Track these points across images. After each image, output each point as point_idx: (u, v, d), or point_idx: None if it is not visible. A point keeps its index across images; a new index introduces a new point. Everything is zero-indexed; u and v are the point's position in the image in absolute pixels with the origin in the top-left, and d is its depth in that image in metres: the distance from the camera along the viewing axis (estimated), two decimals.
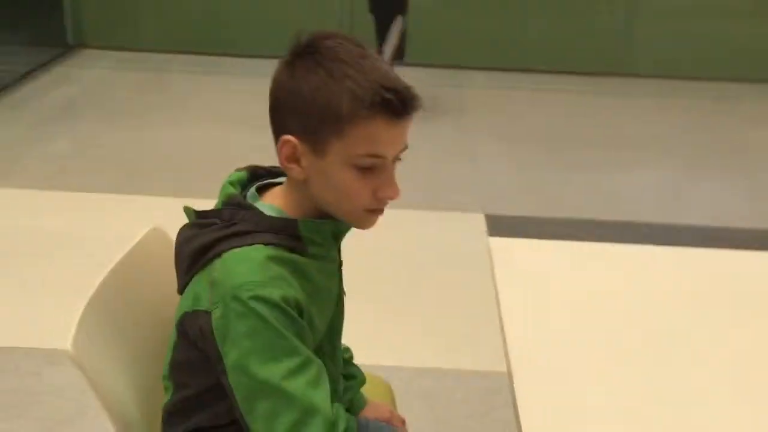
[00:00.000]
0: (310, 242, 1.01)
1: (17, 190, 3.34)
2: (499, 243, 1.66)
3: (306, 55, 0.97)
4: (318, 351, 1.02)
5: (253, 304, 0.92)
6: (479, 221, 3.28)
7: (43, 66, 5.10)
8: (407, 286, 2.82)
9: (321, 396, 0.94)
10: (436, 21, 5.48)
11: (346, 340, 1.36)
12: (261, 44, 5.51)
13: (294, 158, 0.98)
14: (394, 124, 0.96)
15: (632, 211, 3.52)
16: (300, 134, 0.97)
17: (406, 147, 1.01)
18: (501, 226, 3.22)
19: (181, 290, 1.04)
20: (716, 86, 5.47)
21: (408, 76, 3.98)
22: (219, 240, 0.98)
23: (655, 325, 1.41)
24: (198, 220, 1.03)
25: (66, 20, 5.47)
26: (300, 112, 0.96)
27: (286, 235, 0.99)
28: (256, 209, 1.01)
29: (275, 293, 0.93)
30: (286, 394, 0.93)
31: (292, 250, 0.99)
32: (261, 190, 1.07)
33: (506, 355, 1.29)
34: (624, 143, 4.44)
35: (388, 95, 0.94)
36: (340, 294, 1.12)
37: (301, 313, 0.97)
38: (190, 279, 1.01)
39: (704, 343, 1.34)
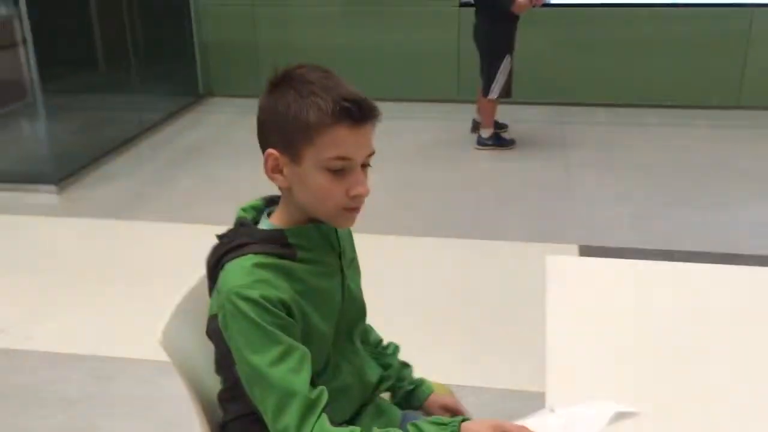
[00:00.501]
0: (299, 248, 1.16)
1: (149, 222, 3.75)
2: (554, 261, 1.72)
3: (281, 83, 1.13)
4: (334, 347, 1.17)
5: (240, 303, 1.08)
6: (573, 252, 3.32)
7: (178, 112, 5.64)
8: (492, 312, 2.91)
9: (301, 381, 1.08)
10: (544, 60, 5.58)
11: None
12: (377, 89, 5.80)
13: (277, 169, 1.14)
14: (355, 130, 1.11)
15: (742, 245, 3.42)
16: (279, 147, 1.13)
17: (372, 152, 1.15)
18: (595, 257, 3.24)
19: None
20: None
21: (517, 113, 4.20)
22: (223, 255, 1.16)
23: (713, 359, 1.35)
24: (217, 242, 1.21)
25: (197, 73, 6.03)
26: (278, 128, 1.13)
27: (277, 244, 1.15)
28: (252, 226, 1.19)
29: (255, 293, 1.07)
30: (270, 380, 1.07)
31: (282, 257, 1.13)
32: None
33: (546, 375, 1.31)
34: (736, 176, 4.33)
35: (346, 104, 1.09)
36: (346, 293, 1.24)
37: (289, 311, 1.11)
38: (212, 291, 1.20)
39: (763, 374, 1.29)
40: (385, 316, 1.53)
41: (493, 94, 4.64)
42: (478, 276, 3.21)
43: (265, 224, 1.20)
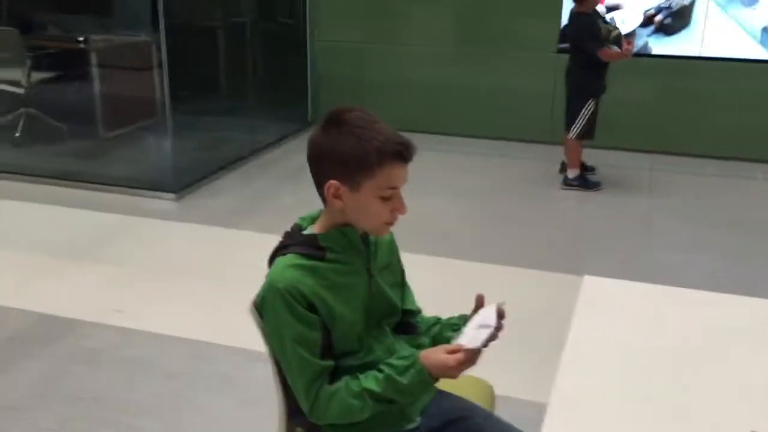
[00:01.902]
0: (329, 250, 1.46)
1: (251, 232, 4.16)
2: (591, 282, 1.91)
3: (337, 124, 1.42)
4: (366, 331, 1.49)
5: (271, 292, 1.42)
6: None
7: (287, 137, 6.12)
8: (552, 335, 3.09)
9: (308, 357, 1.42)
10: (642, 108, 5.71)
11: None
12: (473, 126, 6.11)
13: (337, 195, 1.43)
14: (403, 166, 1.43)
15: None
16: (341, 178, 1.42)
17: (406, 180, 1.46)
18: None
19: None
20: None
21: (608, 158, 4.37)
22: (275, 252, 1.51)
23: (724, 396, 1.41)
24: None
25: (308, 102, 6.52)
26: (341, 163, 1.41)
27: (312, 246, 1.46)
28: (297, 231, 1.52)
29: (282, 287, 1.40)
30: (286, 355, 1.44)
31: (313, 258, 1.45)
32: None
33: (552, 390, 1.44)
34: None
35: (399, 148, 1.40)
36: (374, 290, 1.52)
37: (310, 304, 1.41)
38: None
39: None
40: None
41: (572, 134, 4.85)
42: (544, 304, 3.40)
43: (307, 231, 1.52)
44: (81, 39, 5.50)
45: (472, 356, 1.39)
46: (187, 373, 2.81)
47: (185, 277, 3.65)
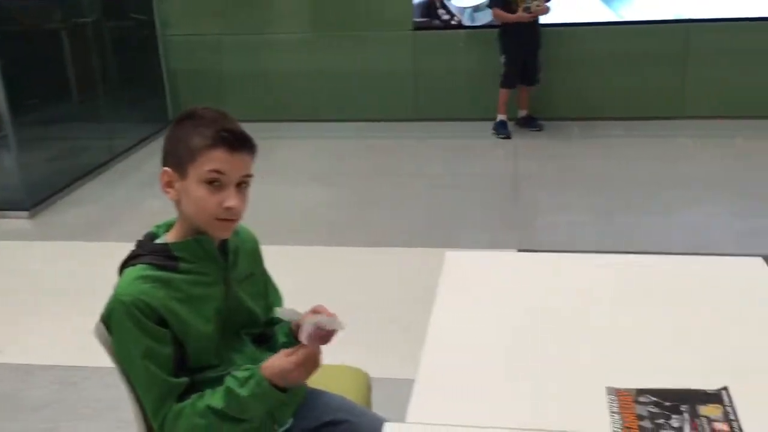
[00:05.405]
0: (182, 260, 1.40)
1: (116, 243, 3.95)
2: (452, 256, 1.94)
3: (184, 118, 1.40)
4: (224, 344, 1.43)
5: (117, 306, 1.35)
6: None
7: (148, 138, 5.85)
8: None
9: (158, 373, 1.35)
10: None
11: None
12: (336, 110, 6.08)
13: (170, 184, 1.40)
14: (231, 154, 1.36)
15: (673, 246, 3.65)
16: (172, 166, 1.39)
17: (250, 175, 1.40)
18: None
19: None
20: None
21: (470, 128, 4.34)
22: (125, 262, 1.43)
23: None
24: None
25: (167, 100, 6.27)
26: (172, 151, 1.40)
27: (164, 256, 1.39)
28: (147, 240, 1.45)
29: (128, 300, 1.34)
30: (135, 370, 1.38)
31: (165, 269, 1.38)
32: None
33: (419, 365, 1.46)
34: (677, 183, 4.59)
35: (225, 134, 1.36)
36: (230, 301, 1.46)
37: (159, 317, 1.35)
38: None
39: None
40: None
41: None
42: (414, 281, 3.43)
43: (161, 239, 1.45)
44: None
45: (310, 354, 1.34)
46: (56, 402, 2.64)
47: (46, 299, 3.42)
